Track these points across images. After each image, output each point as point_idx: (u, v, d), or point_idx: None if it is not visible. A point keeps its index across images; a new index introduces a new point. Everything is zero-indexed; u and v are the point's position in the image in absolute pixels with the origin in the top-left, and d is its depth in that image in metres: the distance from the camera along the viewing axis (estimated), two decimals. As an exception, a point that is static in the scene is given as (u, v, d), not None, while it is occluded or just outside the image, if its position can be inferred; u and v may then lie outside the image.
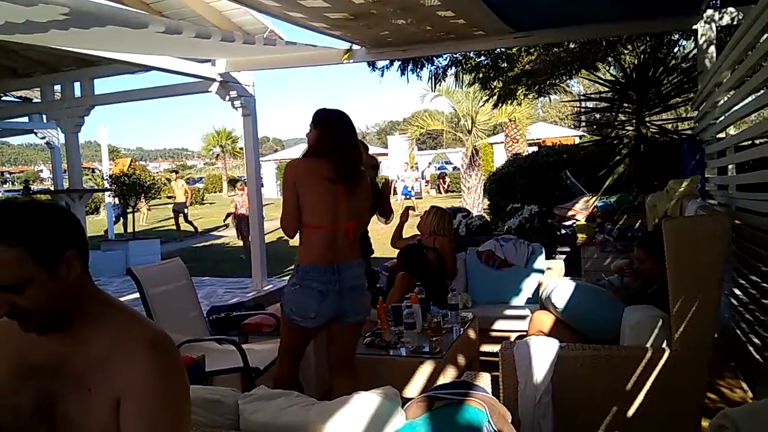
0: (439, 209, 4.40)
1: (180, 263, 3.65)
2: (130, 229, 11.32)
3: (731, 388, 3.19)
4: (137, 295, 3.28)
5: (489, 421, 1.65)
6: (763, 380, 2.69)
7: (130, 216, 11.24)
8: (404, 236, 4.50)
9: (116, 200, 11.17)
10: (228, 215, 12.20)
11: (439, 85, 9.49)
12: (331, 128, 2.62)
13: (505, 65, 8.18)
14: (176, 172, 19.11)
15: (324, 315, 2.59)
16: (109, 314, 1.22)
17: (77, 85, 7.91)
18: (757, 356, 2.80)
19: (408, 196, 20.61)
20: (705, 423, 2.42)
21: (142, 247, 9.57)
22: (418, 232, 4.41)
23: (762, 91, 2.80)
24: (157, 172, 38.49)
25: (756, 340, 2.86)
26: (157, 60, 5.42)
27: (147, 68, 5.87)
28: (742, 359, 3.21)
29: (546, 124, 30.50)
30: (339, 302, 2.59)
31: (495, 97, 8.89)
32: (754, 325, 2.90)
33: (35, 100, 9.23)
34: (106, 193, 11.61)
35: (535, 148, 11.26)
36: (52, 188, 9.90)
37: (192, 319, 3.54)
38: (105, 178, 11.61)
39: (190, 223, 15.42)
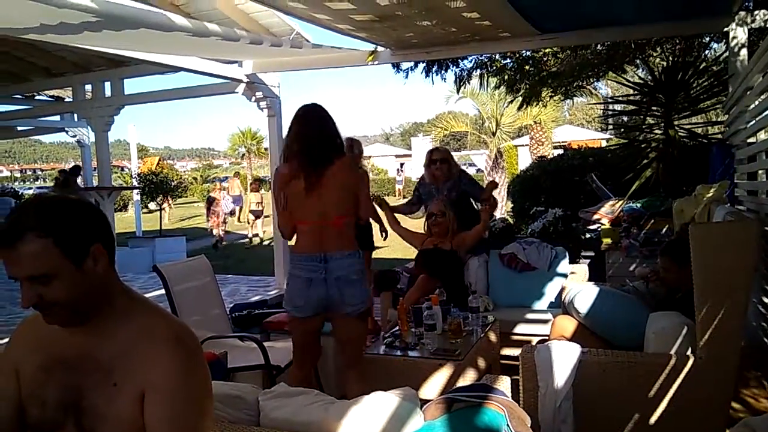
0: (444, 206, 4.30)
1: (205, 261, 3.70)
2: (158, 227, 11.52)
3: (756, 398, 3.11)
4: (162, 291, 3.34)
5: (508, 424, 1.64)
6: (792, 391, 2.62)
7: (156, 214, 11.43)
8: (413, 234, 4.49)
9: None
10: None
11: (464, 87, 9.46)
12: (298, 125, 2.72)
13: (532, 69, 8.13)
14: (237, 174, 19.25)
15: (312, 303, 2.66)
16: (134, 309, 1.24)
17: (107, 84, 8.08)
18: (786, 366, 2.73)
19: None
20: (730, 433, 2.37)
21: (169, 244, 9.74)
22: (432, 237, 4.32)
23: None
24: (185, 171, 39.09)
25: (785, 350, 2.80)
26: (186, 61, 5.51)
27: (175, 69, 5.97)
28: (770, 369, 3.14)
29: (572, 126, 30.14)
30: (326, 291, 2.63)
31: (520, 99, 8.84)
32: (784, 334, 2.84)
33: (67, 100, 9.46)
34: (134, 191, 11.84)
35: (561, 151, 11.16)
36: (82, 185, 10.12)
37: (215, 316, 3.59)
38: (133, 176, 11.85)
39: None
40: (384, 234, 5.41)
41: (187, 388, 1.17)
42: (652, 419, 2.34)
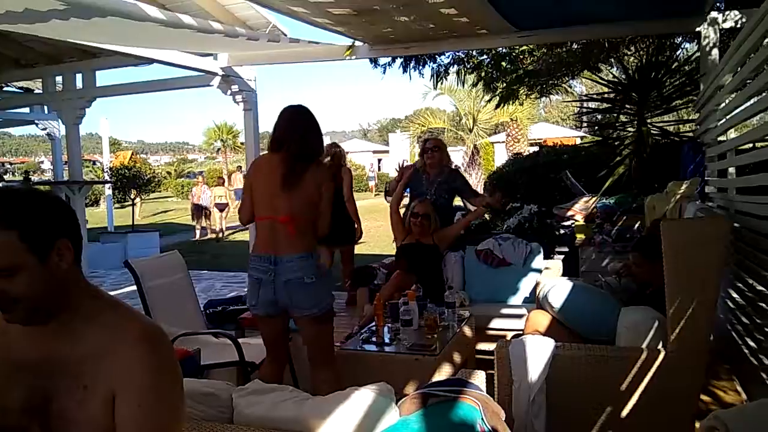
0: (429, 209, 4.31)
1: (178, 256, 3.65)
2: (130, 222, 11.33)
3: (725, 391, 3.19)
4: (134, 287, 3.28)
5: (482, 418, 1.65)
6: (757, 383, 2.69)
7: (129, 209, 11.27)
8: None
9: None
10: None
11: (441, 83, 9.49)
12: (279, 123, 2.72)
13: (509, 66, 8.18)
14: (239, 168, 19.06)
15: (262, 304, 2.69)
16: (102, 310, 1.21)
17: (79, 76, 7.90)
18: (753, 359, 2.80)
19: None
20: (698, 425, 2.42)
21: (141, 239, 9.58)
22: (412, 234, 4.33)
23: (764, 95, 2.80)
24: (158, 165, 38.51)
25: (752, 343, 2.86)
26: (160, 53, 5.41)
27: (149, 61, 5.87)
28: (737, 362, 3.21)
29: (548, 124, 30.49)
30: (273, 293, 2.63)
31: (497, 98, 8.89)
32: (751, 328, 2.90)
33: (37, 91, 9.22)
34: (106, 186, 11.63)
35: (536, 148, 11.26)
36: (52, 179, 9.89)
37: (189, 313, 3.54)
38: (105, 170, 11.63)
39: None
40: (359, 234, 5.43)
41: (158, 388, 1.15)
42: (624, 412, 2.37)
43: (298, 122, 2.70)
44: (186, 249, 9.31)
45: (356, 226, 5.34)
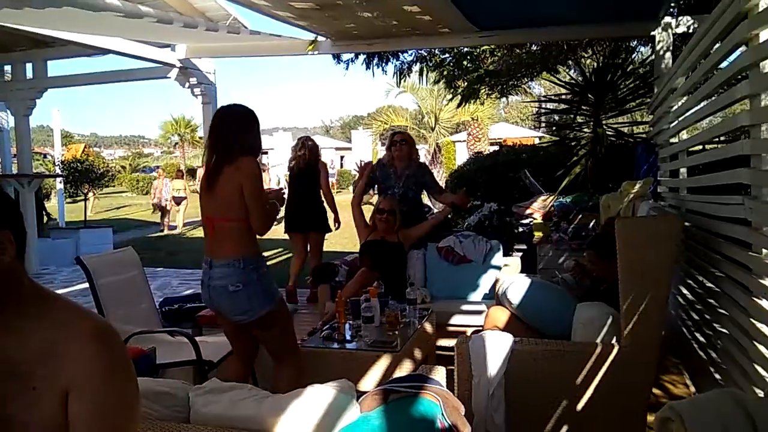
0: (395, 205, 4.33)
1: (132, 253, 3.55)
2: (82, 217, 10.97)
3: (675, 384, 3.31)
4: (86, 285, 3.18)
5: (443, 413, 1.66)
6: (705, 377, 2.79)
7: (81, 204, 10.91)
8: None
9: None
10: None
11: (404, 80, 9.52)
12: (212, 122, 2.69)
13: (470, 65, 8.26)
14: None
15: (207, 305, 2.70)
16: (47, 306, 1.16)
17: (29, 66, 7.61)
18: (701, 353, 2.91)
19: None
20: (650, 417, 2.50)
21: (94, 236, 9.28)
22: (377, 231, 4.33)
23: (713, 98, 2.91)
24: (112, 159, 37.41)
25: (701, 338, 2.97)
26: (115, 43, 5.25)
27: (104, 51, 5.70)
28: (686, 356, 3.33)
29: (507, 124, 30.99)
30: (209, 297, 2.62)
31: (459, 97, 8.98)
32: (700, 323, 3.01)
33: (-17, 80, 8.82)
34: (58, 180, 11.24)
35: (497, 147, 11.42)
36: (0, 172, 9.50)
37: (144, 311, 3.45)
38: (57, 163, 11.25)
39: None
40: (337, 224, 5.48)
41: (111, 387, 1.11)
42: (579, 405, 2.43)
43: (218, 123, 2.65)
44: (141, 245, 9.08)
45: (335, 216, 5.50)
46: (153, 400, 1.66)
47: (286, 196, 3.99)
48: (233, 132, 2.58)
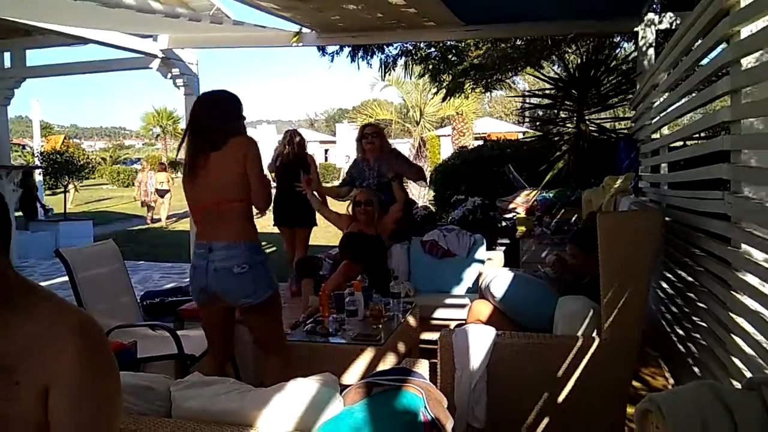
0: (371, 194, 4.31)
1: (113, 246, 3.50)
2: (62, 210, 10.80)
3: (654, 377, 3.35)
4: (66, 278, 3.13)
5: (426, 406, 1.66)
6: (684, 369, 2.84)
7: (61, 196, 10.74)
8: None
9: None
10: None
11: (389, 74, 9.50)
12: (192, 109, 2.65)
13: (455, 59, 8.27)
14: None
15: (196, 292, 2.64)
16: (32, 301, 1.14)
17: (7, 55, 7.47)
18: (680, 346, 2.95)
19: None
20: (630, 409, 2.53)
21: (74, 228, 9.16)
22: (357, 222, 4.32)
23: (694, 95, 2.94)
24: (92, 151, 36.87)
25: (680, 331, 3.02)
26: (96, 33, 5.16)
27: (84, 41, 5.59)
28: (666, 349, 3.38)
29: (492, 119, 31.12)
30: (206, 281, 2.56)
31: (444, 91, 8.99)
32: (679, 317, 3.06)
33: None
34: (37, 171, 11.06)
35: (481, 142, 11.46)
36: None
37: (124, 305, 3.41)
38: (36, 155, 11.06)
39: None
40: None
41: (92, 380, 1.10)
42: (560, 397, 2.45)
43: (199, 110, 2.62)
44: (122, 238, 8.98)
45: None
46: (134, 394, 1.64)
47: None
48: (215, 118, 2.56)
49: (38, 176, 11.67)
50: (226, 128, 2.54)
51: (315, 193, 4.56)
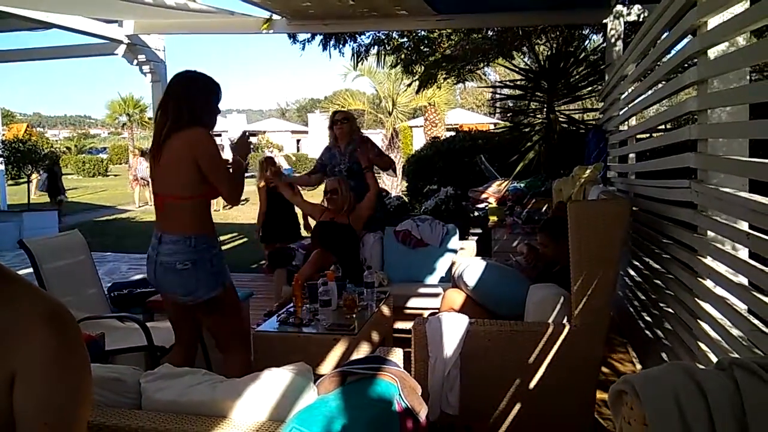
0: (343, 183, 4.29)
1: (78, 236, 3.41)
2: (26, 200, 10.49)
3: (622, 362, 3.43)
4: (31, 269, 3.04)
5: (400, 394, 1.67)
6: (652, 355, 2.91)
7: (24, 186, 10.42)
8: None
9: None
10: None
11: (362, 63, 9.45)
12: (167, 84, 2.56)
13: (427, 49, 8.26)
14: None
15: (151, 282, 2.60)
16: (6, 288, 1.11)
17: (-38, 39, 7.17)
18: (648, 332, 3.02)
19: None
20: (600, 394, 2.59)
21: (38, 218, 8.91)
22: (329, 211, 4.30)
23: (660, 86, 2.99)
24: (57, 140, 35.86)
25: (647, 318, 3.09)
26: (58, 17, 4.98)
27: (47, 25, 5.40)
28: (633, 335, 3.46)
29: (463, 110, 31.27)
30: (154, 273, 2.51)
31: (417, 82, 8.98)
32: (646, 303, 3.13)
33: None
34: (-3, 160, 10.70)
35: (453, 133, 11.49)
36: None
37: (91, 296, 3.33)
38: (-4, 143, 10.71)
39: None
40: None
41: (61, 368, 1.07)
42: (532, 383, 2.49)
43: (172, 85, 2.49)
44: (88, 229, 8.76)
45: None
46: (103, 386, 1.61)
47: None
48: (185, 97, 2.42)
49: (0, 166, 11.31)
50: (191, 111, 2.39)
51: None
